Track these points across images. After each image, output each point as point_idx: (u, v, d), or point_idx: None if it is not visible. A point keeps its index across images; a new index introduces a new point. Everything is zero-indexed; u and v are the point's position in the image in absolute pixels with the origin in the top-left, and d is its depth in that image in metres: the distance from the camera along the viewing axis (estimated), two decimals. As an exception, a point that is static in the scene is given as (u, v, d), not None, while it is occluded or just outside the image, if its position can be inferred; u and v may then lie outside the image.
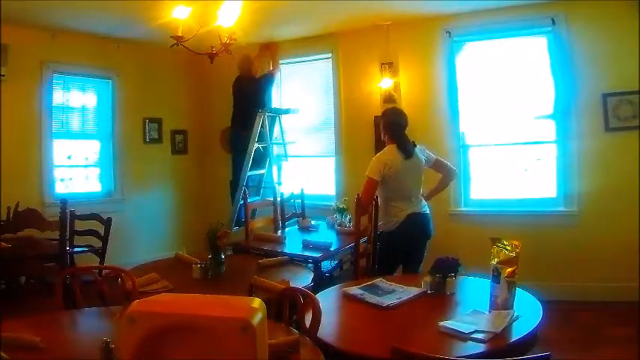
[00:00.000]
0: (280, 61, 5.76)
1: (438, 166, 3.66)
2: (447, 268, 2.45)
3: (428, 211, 3.53)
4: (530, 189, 4.60)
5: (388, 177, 3.33)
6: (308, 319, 1.94)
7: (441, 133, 4.82)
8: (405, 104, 5.02)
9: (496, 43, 4.67)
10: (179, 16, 2.92)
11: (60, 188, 5.16)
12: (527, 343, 1.92)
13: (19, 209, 4.04)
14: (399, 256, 3.42)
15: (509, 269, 2.10)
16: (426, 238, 3.47)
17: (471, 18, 4.60)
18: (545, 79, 4.47)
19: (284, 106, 5.83)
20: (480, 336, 1.85)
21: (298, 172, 5.85)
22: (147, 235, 5.57)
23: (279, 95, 5.94)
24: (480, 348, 1.80)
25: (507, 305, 2.08)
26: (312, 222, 4.47)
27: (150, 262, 3.23)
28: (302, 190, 5.03)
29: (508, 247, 2.14)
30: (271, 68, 5.66)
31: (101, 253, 4.02)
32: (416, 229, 3.39)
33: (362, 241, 3.55)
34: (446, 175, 3.72)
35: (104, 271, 2.67)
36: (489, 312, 2.09)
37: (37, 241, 3.54)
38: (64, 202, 3.51)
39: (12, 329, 1.76)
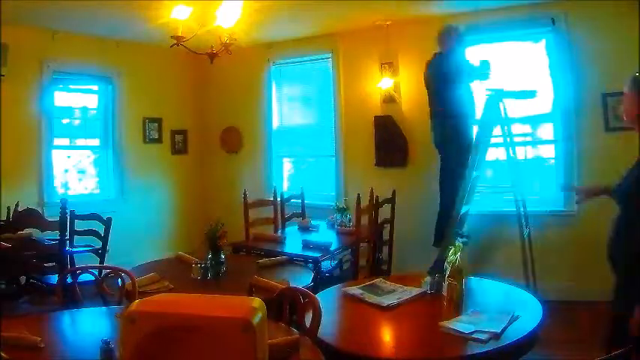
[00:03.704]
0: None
1: None
2: (447, 268, 2.45)
3: None
4: (530, 189, 4.60)
5: None
6: (308, 319, 1.94)
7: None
8: (404, 104, 5.03)
9: (496, 42, 4.67)
10: (179, 16, 2.92)
11: (60, 188, 5.16)
12: (528, 343, 1.92)
13: (19, 209, 4.03)
14: None
15: None
16: None
17: (470, 18, 4.60)
18: (545, 79, 4.47)
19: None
20: (480, 336, 1.85)
21: (298, 172, 5.86)
22: (147, 235, 5.56)
23: (280, 95, 5.93)
24: (480, 348, 1.80)
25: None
26: (312, 222, 4.46)
27: (150, 262, 3.23)
28: (302, 190, 5.03)
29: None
30: None
31: (101, 253, 4.01)
32: None
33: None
34: None
35: (104, 271, 2.66)
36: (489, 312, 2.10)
37: (37, 241, 3.53)
38: (64, 202, 3.51)
39: (12, 329, 1.76)
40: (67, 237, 3.71)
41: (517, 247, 3.83)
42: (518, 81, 4.54)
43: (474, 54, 4.75)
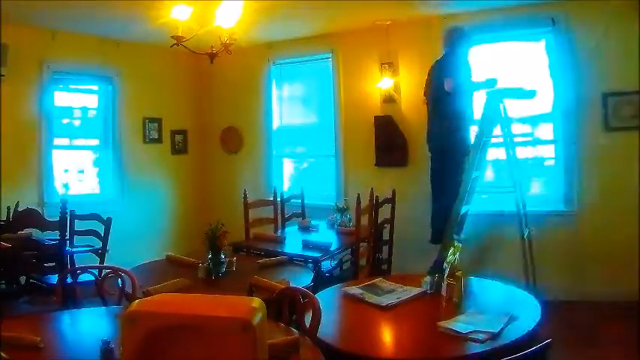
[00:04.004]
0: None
1: None
2: (447, 268, 2.45)
3: None
4: (530, 188, 4.60)
5: None
6: (308, 319, 1.95)
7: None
8: (404, 104, 5.04)
9: (496, 42, 4.67)
10: (179, 16, 2.92)
11: (60, 188, 5.16)
12: (526, 343, 1.92)
13: (19, 209, 4.03)
14: None
15: None
16: None
17: (470, 18, 4.60)
18: (545, 79, 4.47)
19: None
20: (478, 336, 1.85)
21: (298, 172, 5.86)
22: (147, 235, 5.56)
23: (280, 95, 5.94)
24: (479, 348, 1.80)
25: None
26: (312, 222, 4.46)
27: (147, 262, 3.24)
28: (302, 190, 5.03)
29: None
30: None
31: (101, 253, 4.02)
32: None
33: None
34: None
35: (104, 271, 2.67)
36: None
37: (37, 241, 3.53)
38: (64, 202, 3.51)
39: (12, 329, 1.76)
40: (67, 237, 3.71)
41: (517, 247, 3.83)
42: (518, 81, 4.55)
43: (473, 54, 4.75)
